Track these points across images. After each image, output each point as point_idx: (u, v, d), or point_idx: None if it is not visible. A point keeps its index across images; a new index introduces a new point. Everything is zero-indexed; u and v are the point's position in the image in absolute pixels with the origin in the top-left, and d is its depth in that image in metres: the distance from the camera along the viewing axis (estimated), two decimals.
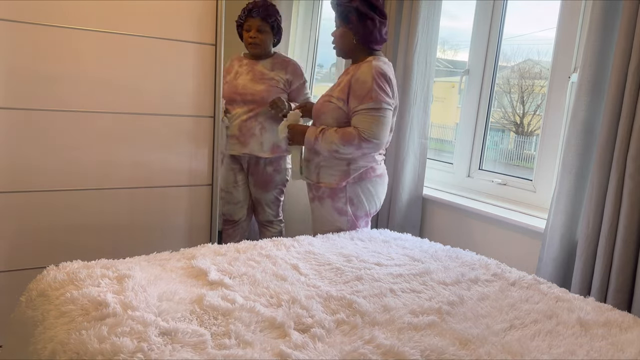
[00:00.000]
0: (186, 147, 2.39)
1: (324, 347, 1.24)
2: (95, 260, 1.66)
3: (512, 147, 2.70)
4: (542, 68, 2.55)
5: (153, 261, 1.65)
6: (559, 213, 2.03)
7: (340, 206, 2.26)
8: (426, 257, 1.87)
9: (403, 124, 2.65)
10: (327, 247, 1.91)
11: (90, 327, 1.23)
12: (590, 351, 1.30)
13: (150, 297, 1.37)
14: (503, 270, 1.79)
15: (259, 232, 3.10)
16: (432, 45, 2.62)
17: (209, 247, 1.82)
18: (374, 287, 1.57)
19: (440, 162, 2.91)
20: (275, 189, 2.93)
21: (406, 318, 1.39)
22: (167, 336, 1.21)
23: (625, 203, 1.80)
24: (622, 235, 1.81)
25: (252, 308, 1.36)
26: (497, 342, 1.30)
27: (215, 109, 2.41)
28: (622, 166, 1.82)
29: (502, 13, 2.58)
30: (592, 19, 1.92)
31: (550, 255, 2.06)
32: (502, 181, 2.58)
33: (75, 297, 1.35)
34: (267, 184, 2.90)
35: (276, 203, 2.98)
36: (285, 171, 2.92)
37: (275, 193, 2.95)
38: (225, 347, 1.20)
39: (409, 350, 1.22)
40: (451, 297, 1.54)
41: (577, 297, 1.62)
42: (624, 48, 1.81)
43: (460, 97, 2.81)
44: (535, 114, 2.60)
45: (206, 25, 2.33)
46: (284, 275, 1.60)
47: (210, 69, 2.38)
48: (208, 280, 1.53)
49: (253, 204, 3.01)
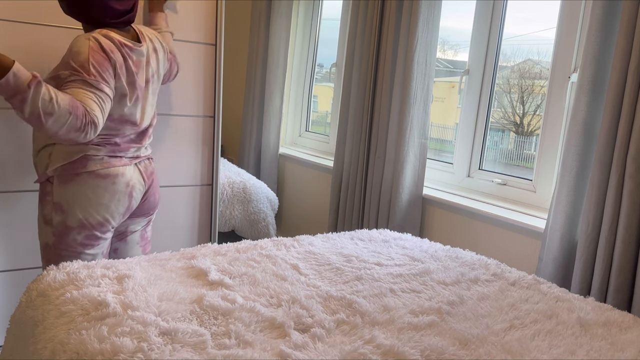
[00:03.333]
0: (186, 147, 2.39)
1: (324, 347, 1.24)
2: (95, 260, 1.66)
3: (512, 147, 2.70)
4: (542, 68, 2.55)
5: (153, 261, 1.65)
6: (559, 213, 2.03)
7: (47, 212, 1.78)
8: (426, 257, 1.88)
9: (403, 124, 2.65)
10: (327, 247, 1.91)
11: (90, 327, 1.23)
12: (590, 351, 1.30)
13: (150, 297, 1.37)
14: (503, 270, 1.80)
15: None
16: (432, 45, 2.62)
17: (209, 247, 1.82)
18: (374, 287, 1.57)
19: (440, 162, 2.91)
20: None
21: (406, 318, 1.39)
22: (167, 336, 1.21)
23: (625, 203, 1.80)
24: (622, 236, 1.81)
25: (252, 308, 1.36)
26: (497, 342, 1.30)
27: (215, 109, 2.41)
28: (622, 166, 1.82)
29: (502, 13, 2.58)
30: (592, 19, 1.92)
31: (550, 255, 2.06)
32: (502, 181, 2.58)
33: (75, 297, 1.35)
34: None
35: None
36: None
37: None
38: (225, 347, 1.20)
39: (409, 350, 1.22)
40: (451, 297, 1.54)
41: (577, 297, 1.62)
42: (624, 48, 1.81)
43: (460, 97, 2.81)
44: (535, 114, 2.60)
45: (206, 25, 2.33)
46: (284, 275, 1.60)
47: (210, 69, 2.38)
48: (208, 280, 1.53)
49: None
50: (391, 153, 2.72)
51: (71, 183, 1.74)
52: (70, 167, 1.73)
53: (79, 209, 1.74)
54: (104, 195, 1.76)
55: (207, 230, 2.51)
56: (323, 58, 3.88)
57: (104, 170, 1.76)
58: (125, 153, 1.83)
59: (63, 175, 1.74)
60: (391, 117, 2.72)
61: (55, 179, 1.75)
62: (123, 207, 1.82)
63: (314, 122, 4.01)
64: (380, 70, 2.78)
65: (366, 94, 2.86)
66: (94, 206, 1.76)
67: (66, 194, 1.74)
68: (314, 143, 3.86)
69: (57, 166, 1.73)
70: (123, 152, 1.82)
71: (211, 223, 2.51)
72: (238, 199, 3.21)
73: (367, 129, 2.86)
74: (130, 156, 1.85)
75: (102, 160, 1.76)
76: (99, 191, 1.76)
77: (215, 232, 2.53)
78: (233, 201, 3.19)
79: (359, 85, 2.92)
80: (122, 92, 1.73)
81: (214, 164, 2.45)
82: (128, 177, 1.82)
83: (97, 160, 1.76)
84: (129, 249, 2.01)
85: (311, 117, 4.00)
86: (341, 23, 3.49)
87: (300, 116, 4.00)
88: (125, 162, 1.82)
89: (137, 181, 1.86)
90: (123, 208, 1.82)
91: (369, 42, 2.84)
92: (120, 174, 1.79)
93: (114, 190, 1.78)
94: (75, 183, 1.74)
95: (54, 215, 1.76)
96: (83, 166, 1.74)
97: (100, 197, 1.76)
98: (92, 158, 1.75)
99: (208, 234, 2.52)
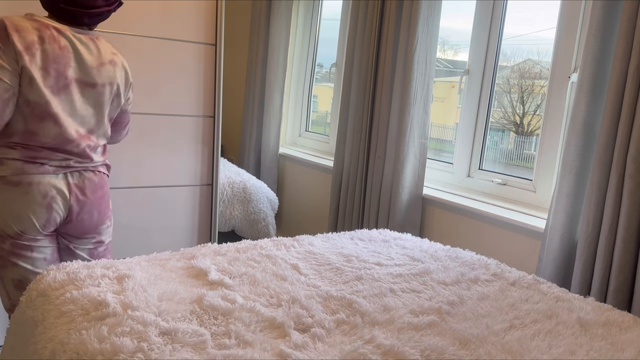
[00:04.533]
0: (186, 147, 2.39)
1: (324, 347, 1.24)
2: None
3: (512, 147, 2.70)
4: (542, 68, 2.55)
5: (153, 261, 1.65)
6: (559, 213, 2.03)
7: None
8: (426, 257, 1.88)
9: (403, 124, 2.65)
10: (327, 247, 1.91)
11: (90, 327, 1.23)
12: (590, 351, 1.30)
13: (150, 297, 1.37)
14: (503, 270, 1.80)
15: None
16: (432, 45, 2.62)
17: (209, 247, 1.82)
18: (374, 287, 1.57)
19: (440, 162, 2.91)
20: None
21: (406, 318, 1.39)
22: (167, 336, 1.21)
23: (625, 203, 1.80)
24: (622, 236, 1.81)
25: (252, 308, 1.36)
26: (497, 342, 1.30)
27: (215, 109, 2.41)
28: (622, 166, 1.82)
29: (502, 13, 2.58)
30: (592, 19, 1.92)
31: (550, 255, 2.06)
32: (502, 181, 2.58)
33: (75, 297, 1.35)
34: None
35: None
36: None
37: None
38: (225, 347, 1.20)
39: (409, 350, 1.22)
40: (451, 297, 1.54)
41: (577, 297, 1.62)
42: (624, 48, 1.81)
43: (460, 97, 2.81)
44: (535, 114, 2.60)
45: (206, 25, 2.33)
46: (284, 275, 1.60)
47: (211, 69, 2.38)
48: (208, 280, 1.53)
49: None
50: (391, 153, 2.72)
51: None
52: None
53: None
54: (14, 205, 1.57)
55: (207, 230, 2.51)
56: (323, 58, 3.88)
57: (15, 177, 1.56)
58: (49, 161, 1.60)
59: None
60: (391, 117, 2.72)
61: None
62: (41, 219, 1.61)
63: (314, 122, 4.01)
64: (380, 70, 2.78)
65: (366, 94, 2.86)
66: (7, 215, 1.57)
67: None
68: (314, 143, 3.86)
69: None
70: (45, 158, 1.59)
71: (211, 223, 2.51)
72: (238, 199, 3.21)
73: (367, 129, 2.86)
74: (55, 164, 1.62)
75: (14, 166, 1.56)
76: (8, 199, 1.56)
77: (215, 232, 2.53)
78: (233, 201, 3.19)
79: (359, 85, 2.92)
80: (29, 74, 1.53)
81: (214, 164, 2.45)
82: (45, 187, 1.59)
83: (9, 165, 1.56)
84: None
85: (311, 117, 4.00)
86: (341, 23, 3.49)
87: (300, 116, 4.00)
88: (45, 170, 1.59)
89: (59, 194, 1.62)
90: (41, 220, 1.61)
91: (369, 42, 2.84)
92: (34, 183, 1.57)
93: (27, 200, 1.57)
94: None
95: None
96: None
97: (11, 206, 1.57)
98: (4, 162, 1.56)
99: (208, 234, 2.52)
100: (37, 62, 1.54)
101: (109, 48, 1.76)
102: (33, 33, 1.54)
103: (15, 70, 1.52)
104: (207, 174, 2.46)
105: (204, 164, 2.44)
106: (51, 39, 1.57)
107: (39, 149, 1.59)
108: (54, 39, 1.58)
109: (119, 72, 1.77)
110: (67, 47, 1.61)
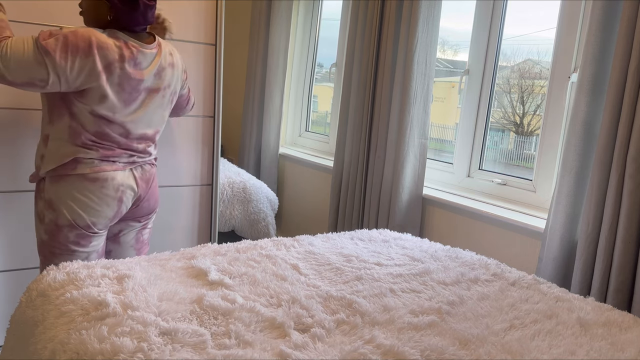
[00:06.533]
0: (186, 147, 2.39)
1: (324, 347, 1.24)
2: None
3: (512, 147, 2.70)
4: (542, 68, 2.55)
5: (153, 261, 1.65)
6: (559, 213, 2.03)
7: (40, 209, 1.80)
8: (426, 257, 1.88)
9: (403, 124, 2.65)
10: (327, 247, 1.91)
11: (90, 327, 1.23)
12: (590, 351, 1.30)
13: (150, 297, 1.37)
14: (503, 270, 1.80)
15: None
16: (432, 45, 2.62)
17: (209, 247, 1.82)
18: (374, 287, 1.57)
19: (440, 162, 2.91)
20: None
21: (406, 318, 1.39)
22: (167, 336, 1.21)
23: (625, 203, 1.80)
24: (622, 236, 1.81)
25: (252, 308, 1.36)
26: (497, 342, 1.30)
27: (215, 109, 2.41)
28: (622, 166, 1.82)
29: (502, 13, 2.58)
30: (592, 19, 1.92)
31: (550, 255, 2.06)
32: (502, 181, 2.58)
33: (75, 297, 1.35)
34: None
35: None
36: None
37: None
38: (225, 347, 1.20)
39: (409, 350, 1.22)
40: (451, 297, 1.54)
41: (577, 297, 1.62)
42: (624, 48, 1.81)
43: (460, 97, 2.81)
44: (535, 114, 2.60)
45: (206, 25, 2.33)
46: (284, 275, 1.60)
47: (210, 69, 2.38)
48: (208, 280, 1.53)
49: None
50: (391, 153, 2.72)
51: (61, 182, 1.74)
52: (62, 169, 1.74)
53: (67, 209, 1.74)
54: (92, 199, 1.75)
55: (207, 230, 2.51)
56: (323, 58, 3.88)
57: (93, 174, 1.75)
58: (119, 158, 1.80)
59: (55, 175, 1.75)
60: (391, 117, 2.72)
61: (47, 177, 1.76)
62: (112, 211, 1.80)
63: (314, 122, 4.01)
64: (380, 70, 2.78)
65: (366, 94, 2.86)
66: (82, 208, 1.75)
67: (57, 192, 1.74)
68: (314, 143, 3.86)
69: (49, 169, 1.74)
70: (116, 157, 1.79)
71: (211, 223, 2.51)
72: (238, 199, 3.21)
73: (367, 129, 2.86)
74: (124, 161, 1.82)
75: (92, 164, 1.75)
76: (87, 194, 1.75)
77: (215, 232, 2.53)
78: (233, 201, 3.19)
79: (359, 85, 2.92)
80: (102, 92, 1.68)
81: (214, 164, 2.45)
82: (118, 181, 1.79)
83: (88, 164, 1.74)
84: (122, 250, 1.99)
85: (311, 117, 4.00)
86: (341, 23, 3.49)
87: (300, 116, 4.00)
88: (117, 167, 1.79)
89: (129, 187, 1.83)
90: (112, 212, 1.81)
91: (369, 42, 2.84)
92: (110, 178, 1.77)
93: (103, 194, 1.76)
94: (65, 183, 1.74)
95: (45, 212, 1.76)
96: (73, 169, 1.73)
97: (88, 200, 1.75)
98: (83, 161, 1.74)
99: (208, 234, 2.52)
100: (114, 80, 1.69)
101: (168, 50, 1.87)
102: (115, 52, 1.67)
103: (70, 83, 1.63)
104: (207, 174, 2.46)
105: (204, 164, 2.44)
106: (130, 57, 1.71)
107: (113, 149, 1.78)
108: (132, 57, 1.71)
109: (176, 72, 1.91)
110: (141, 63, 1.75)
